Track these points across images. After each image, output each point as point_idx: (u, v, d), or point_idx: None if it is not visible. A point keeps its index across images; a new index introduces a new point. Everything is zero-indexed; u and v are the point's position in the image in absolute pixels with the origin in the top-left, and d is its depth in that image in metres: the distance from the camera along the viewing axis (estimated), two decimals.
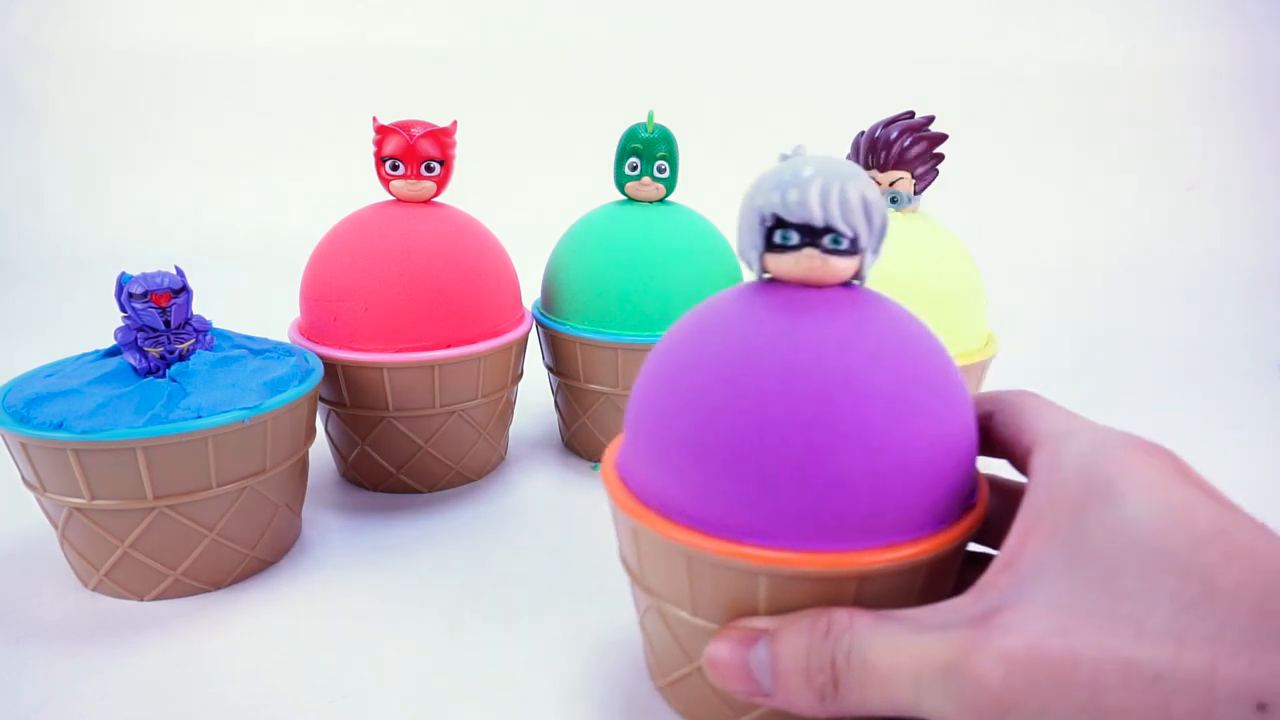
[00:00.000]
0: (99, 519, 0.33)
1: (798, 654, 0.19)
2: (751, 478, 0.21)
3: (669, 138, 0.47)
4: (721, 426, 0.22)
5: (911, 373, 0.23)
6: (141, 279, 0.34)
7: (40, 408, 0.32)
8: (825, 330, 0.23)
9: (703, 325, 0.25)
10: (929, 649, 0.17)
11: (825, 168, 0.22)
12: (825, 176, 0.22)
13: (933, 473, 0.22)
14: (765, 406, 0.21)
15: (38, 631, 0.33)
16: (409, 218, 0.44)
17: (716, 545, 0.22)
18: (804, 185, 0.22)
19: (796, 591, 0.22)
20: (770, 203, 0.23)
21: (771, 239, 0.23)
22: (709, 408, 0.22)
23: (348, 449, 0.45)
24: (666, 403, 0.24)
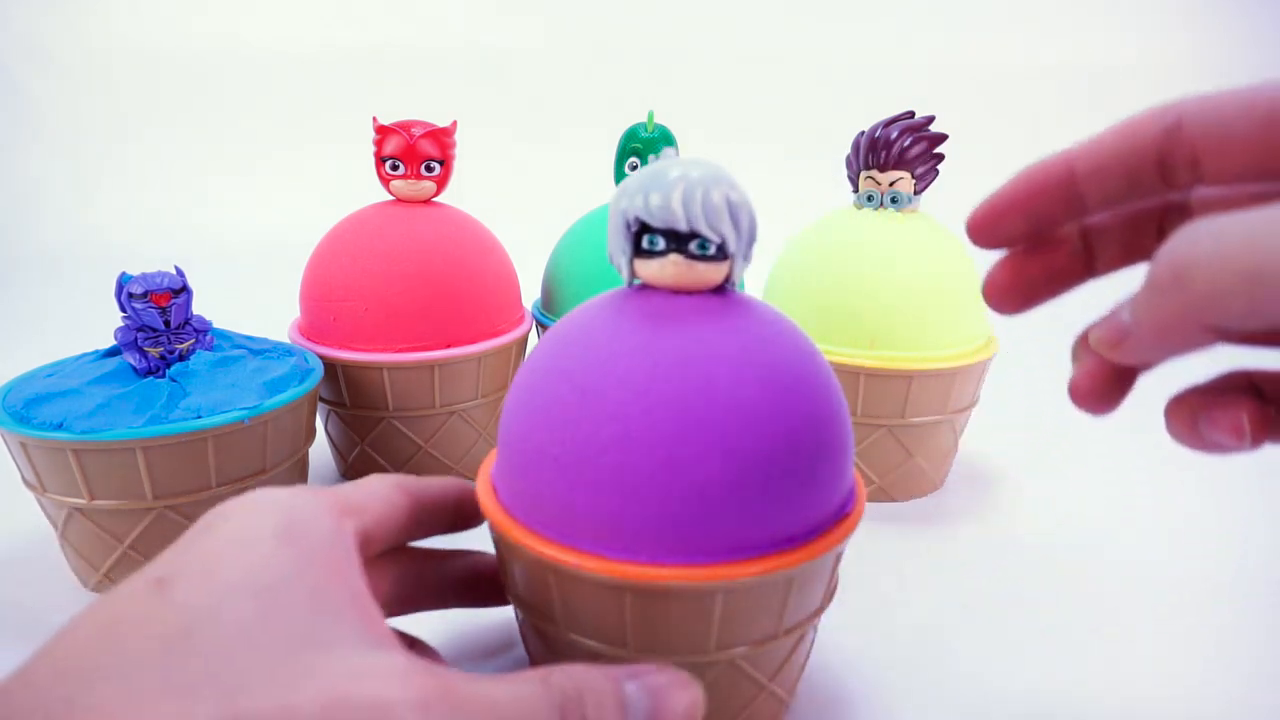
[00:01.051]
0: (99, 519, 0.33)
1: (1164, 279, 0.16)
2: (611, 492, 0.21)
3: (669, 138, 0.47)
4: (579, 439, 0.21)
5: (779, 380, 0.22)
6: (141, 279, 0.34)
7: (40, 408, 0.32)
8: (688, 339, 0.22)
9: (569, 333, 0.24)
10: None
11: (690, 171, 0.22)
12: (689, 180, 0.21)
13: (800, 483, 0.21)
14: (624, 419, 0.21)
15: (38, 631, 0.33)
16: (409, 218, 0.44)
17: (579, 560, 0.21)
18: (667, 189, 0.21)
19: (663, 607, 0.21)
20: (634, 206, 0.22)
21: (639, 244, 0.23)
22: (568, 419, 0.21)
23: (347, 449, 0.45)
24: (530, 413, 0.23)
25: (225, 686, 0.16)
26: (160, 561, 0.19)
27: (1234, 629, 0.35)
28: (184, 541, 0.20)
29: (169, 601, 0.17)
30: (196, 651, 0.16)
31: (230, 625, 0.17)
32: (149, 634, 0.16)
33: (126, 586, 0.18)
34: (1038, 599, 0.37)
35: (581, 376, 0.22)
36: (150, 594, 0.17)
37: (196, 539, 0.20)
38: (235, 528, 0.19)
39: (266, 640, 0.17)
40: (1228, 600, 0.37)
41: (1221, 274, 0.15)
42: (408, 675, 0.17)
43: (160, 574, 0.18)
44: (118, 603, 0.17)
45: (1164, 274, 0.16)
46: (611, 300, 0.24)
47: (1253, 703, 0.31)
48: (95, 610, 0.18)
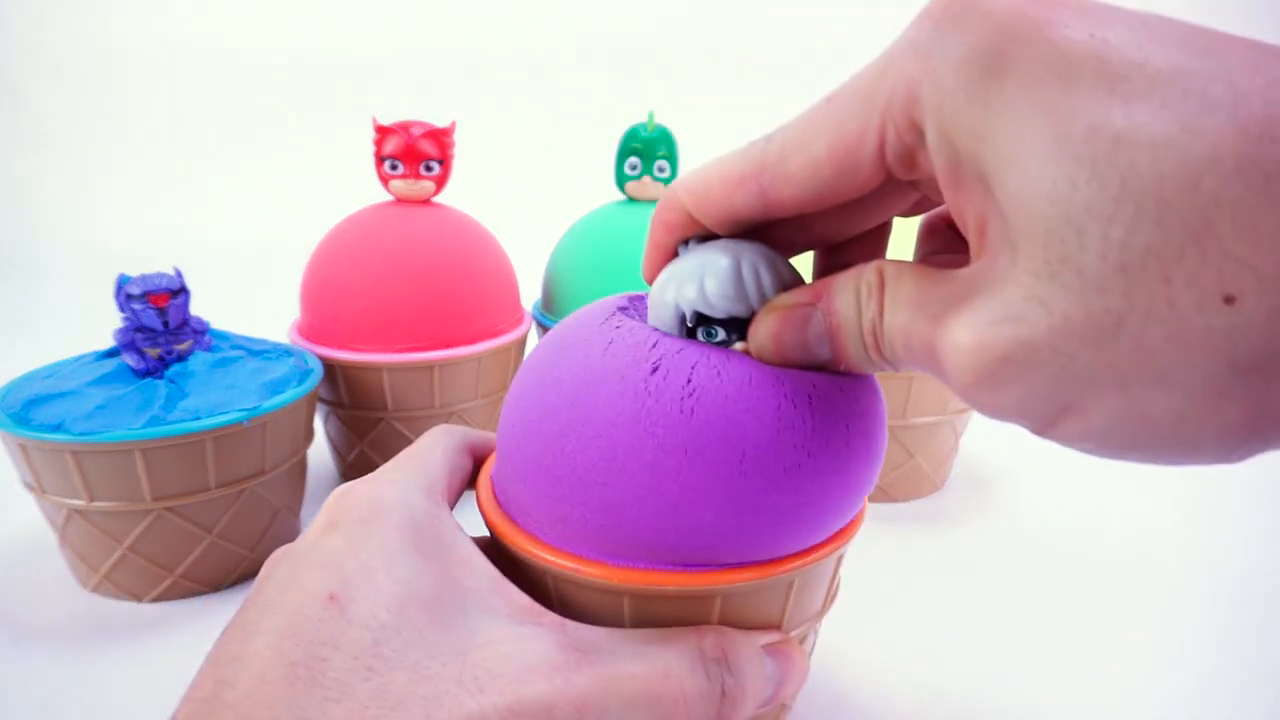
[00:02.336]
0: (98, 520, 0.33)
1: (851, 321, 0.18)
2: (600, 508, 0.21)
3: (669, 138, 0.47)
4: (570, 452, 0.21)
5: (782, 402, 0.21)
6: (140, 280, 0.34)
7: (39, 409, 0.32)
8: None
9: (565, 339, 0.23)
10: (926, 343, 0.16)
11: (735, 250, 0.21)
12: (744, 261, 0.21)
13: (799, 504, 0.21)
14: (611, 431, 0.20)
15: (38, 632, 0.33)
16: (408, 218, 0.44)
17: (578, 565, 0.21)
18: (722, 275, 0.20)
19: (662, 610, 0.21)
20: (687, 298, 0.21)
21: (694, 337, 0.22)
22: (559, 432, 0.21)
23: (347, 450, 0.45)
24: (524, 420, 0.23)
25: (423, 699, 0.17)
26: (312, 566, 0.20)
27: (1234, 628, 0.35)
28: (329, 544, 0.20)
29: (352, 620, 0.18)
30: (392, 666, 0.18)
31: (412, 638, 0.18)
32: (347, 653, 0.18)
33: (295, 602, 0.19)
34: (1038, 599, 0.37)
35: (572, 388, 0.21)
36: (329, 613, 0.18)
37: (338, 543, 0.20)
38: (378, 541, 0.20)
39: (442, 648, 0.18)
40: (1228, 600, 0.37)
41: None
42: (566, 672, 0.18)
43: (330, 589, 0.19)
44: (298, 622, 0.18)
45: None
46: (608, 308, 0.24)
47: (1253, 702, 0.31)
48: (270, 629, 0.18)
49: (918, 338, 0.16)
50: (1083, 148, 0.13)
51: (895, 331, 0.17)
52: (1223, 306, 0.12)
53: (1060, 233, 0.13)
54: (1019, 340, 0.14)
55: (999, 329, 0.14)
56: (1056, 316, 0.13)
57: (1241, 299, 0.12)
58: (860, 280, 0.18)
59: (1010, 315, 0.14)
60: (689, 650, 0.20)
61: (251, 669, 0.17)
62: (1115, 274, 0.13)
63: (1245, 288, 0.12)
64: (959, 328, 0.15)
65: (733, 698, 0.20)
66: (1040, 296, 0.14)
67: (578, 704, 0.18)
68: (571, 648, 0.19)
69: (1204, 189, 0.12)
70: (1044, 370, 0.14)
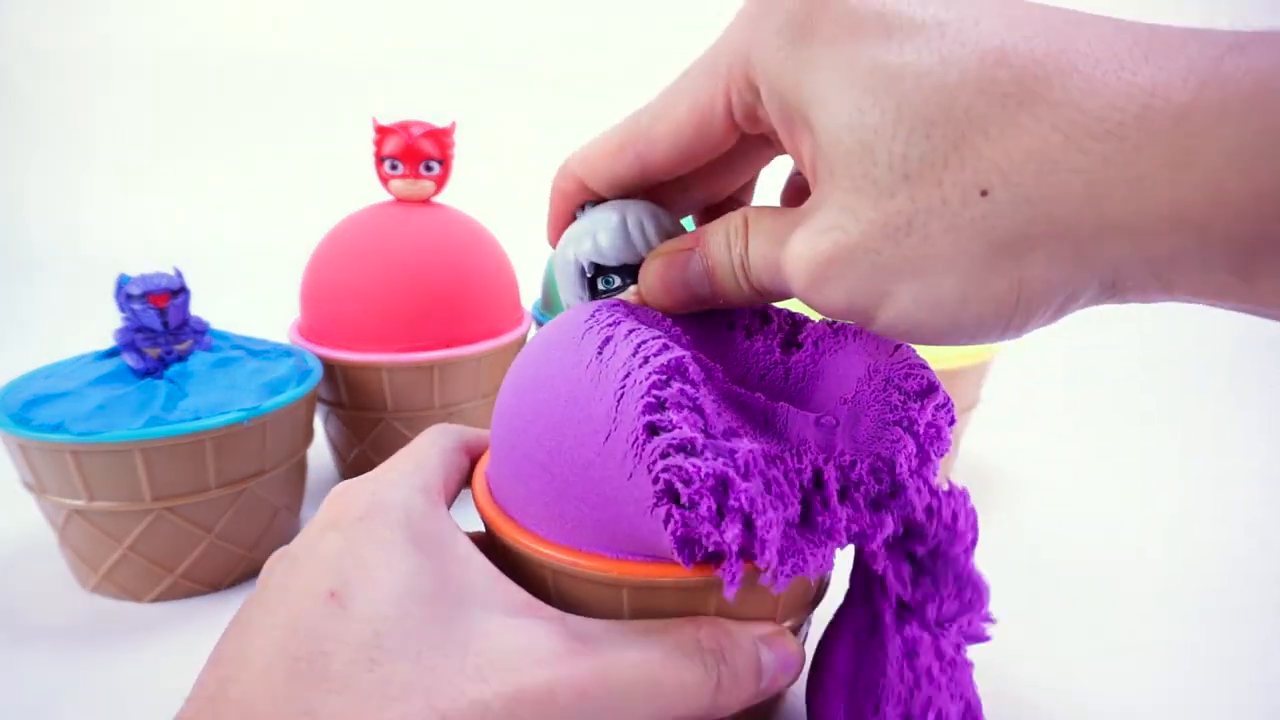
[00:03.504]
0: (98, 520, 0.33)
1: (723, 259, 0.21)
2: (597, 504, 0.21)
3: None
4: (565, 449, 0.21)
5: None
6: (140, 280, 0.34)
7: (39, 409, 0.32)
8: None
9: (555, 336, 0.24)
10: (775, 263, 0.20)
11: (622, 208, 0.24)
12: (629, 216, 0.24)
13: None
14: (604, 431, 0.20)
15: (38, 632, 0.33)
16: (408, 218, 0.44)
17: (576, 559, 0.21)
18: (613, 229, 0.23)
19: (660, 601, 0.22)
20: (584, 251, 0.24)
21: (595, 288, 0.24)
22: (553, 426, 0.21)
23: (346, 450, 0.45)
24: (517, 416, 0.23)
25: (426, 689, 0.17)
26: (312, 564, 0.20)
27: (1235, 628, 0.35)
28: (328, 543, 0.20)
29: (354, 616, 0.18)
30: (394, 658, 0.18)
31: (413, 630, 0.18)
32: (349, 646, 0.18)
33: (296, 600, 0.19)
34: (1038, 599, 0.37)
35: (566, 386, 0.21)
36: (330, 610, 0.19)
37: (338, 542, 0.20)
38: (377, 539, 0.21)
39: (444, 641, 0.19)
40: (1229, 600, 0.37)
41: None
42: (567, 659, 0.19)
43: (330, 587, 0.19)
44: (299, 619, 0.18)
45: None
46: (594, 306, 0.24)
47: (1253, 702, 0.31)
48: (271, 626, 0.18)
49: (772, 260, 0.20)
50: (867, 80, 0.16)
51: (757, 259, 0.20)
52: (980, 199, 0.16)
53: (858, 153, 0.16)
54: (837, 244, 0.17)
55: (823, 237, 0.18)
56: (863, 221, 0.17)
57: (992, 191, 0.15)
58: (729, 224, 0.21)
59: (831, 225, 0.17)
60: (686, 640, 0.21)
61: (254, 665, 0.17)
62: (900, 181, 0.16)
63: (994, 182, 0.15)
64: (795, 242, 0.18)
65: (728, 687, 0.21)
66: (850, 207, 0.17)
67: (578, 691, 0.18)
68: (571, 637, 0.20)
69: (957, 106, 0.15)
70: (859, 266, 0.17)
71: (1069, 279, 0.16)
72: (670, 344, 0.21)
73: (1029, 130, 0.15)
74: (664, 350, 0.20)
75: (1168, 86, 0.14)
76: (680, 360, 0.20)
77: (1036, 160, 0.15)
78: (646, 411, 0.19)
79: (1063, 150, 0.15)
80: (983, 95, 0.15)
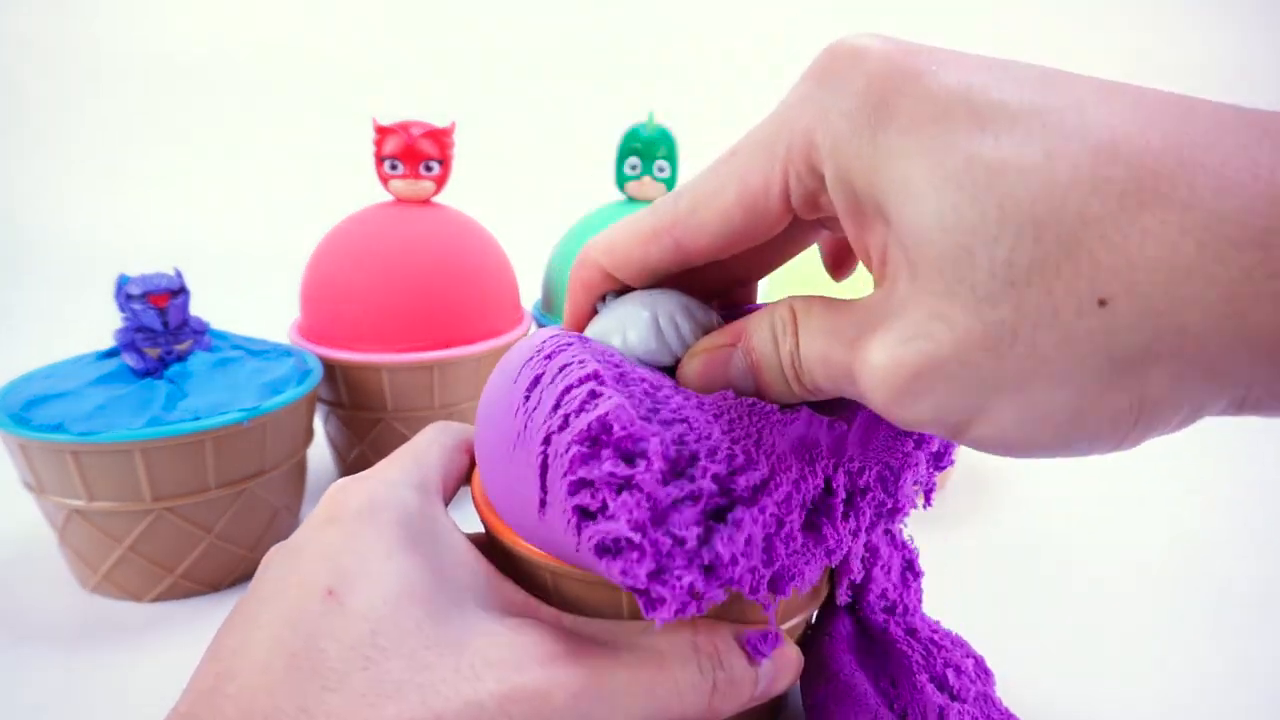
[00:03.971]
0: (98, 520, 0.33)
1: (769, 355, 0.20)
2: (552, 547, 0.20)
3: (669, 138, 0.47)
4: (516, 496, 0.21)
5: None
6: (140, 280, 0.34)
7: (39, 409, 0.32)
8: None
9: (504, 366, 0.23)
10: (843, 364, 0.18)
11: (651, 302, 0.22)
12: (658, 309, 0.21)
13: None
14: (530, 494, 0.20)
15: (38, 632, 0.33)
16: (408, 218, 0.44)
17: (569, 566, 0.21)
18: (643, 326, 0.21)
19: None
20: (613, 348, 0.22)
21: None
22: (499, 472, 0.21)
23: (347, 450, 0.45)
24: (479, 443, 0.23)
25: (421, 688, 0.17)
26: (309, 560, 0.20)
27: (1235, 629, 0.35)
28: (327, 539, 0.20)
29: (350, 612, 0.18)
30: (389, 656, 0.18)
31: (409, 628, 0.18)
32: (344, 643, 0.18)
33: (294, 595, 0.19)
34: (1038, 599, 0.37)
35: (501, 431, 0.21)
36: (327, 607, 0.19)
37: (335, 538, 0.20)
38: (374, 537, 0.20)
39: (439, 640, 0.18)
40: (1229, 600, 0.37)
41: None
42: (563, 660, 0.19)
43: (327, 583, 0.19)
44: (297, 614, 0.18)
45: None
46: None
47: (1252, 702, 0.31)
48: (269, 622, 0.18)
49: (836, 363, 0.18)
50: (963, 177, 0.15)
51: (813, 359, 0.18)
52: (1098, 309, 0.14)
53: (953, 255, 0.15)
54: (927, 355, 0.15)
55: (909, 346, 0.16)
56: (959, 330, 0.15)
57: (1113, 301, 0.14)
58: (773, 317, 0.20)
59: (918, 333, 0.15)
60: (683, 643, 0.21)
61: (251, 660, 0.18)
62: (1004, 289, 0.14)
63: (1115, 291, 0.14)
64: (873, 349, 0.16)
65: (724, 691, 0.21)
66: (942, 314, 0.15)
67: (573, 690, 0.18)
68: (567, 638, 0.20)
69: (1069, 208, 0.14)
70: (952, 380, 0.15)
71: (1197, 396, 0.14)
72: (600, 388, 0.18)
73: (1155, 235, 0.13)
74: (587, 405, 0.18)
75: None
76: (605, 420, 0.17)
77: (1165, 269, 0.13)
78: (571, 493, 0.18)
79: (1197, 259, 0.13)
80: (1097, 195, 0.14)
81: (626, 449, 0.17)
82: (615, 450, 0.17)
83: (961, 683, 0.24)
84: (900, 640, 0.26)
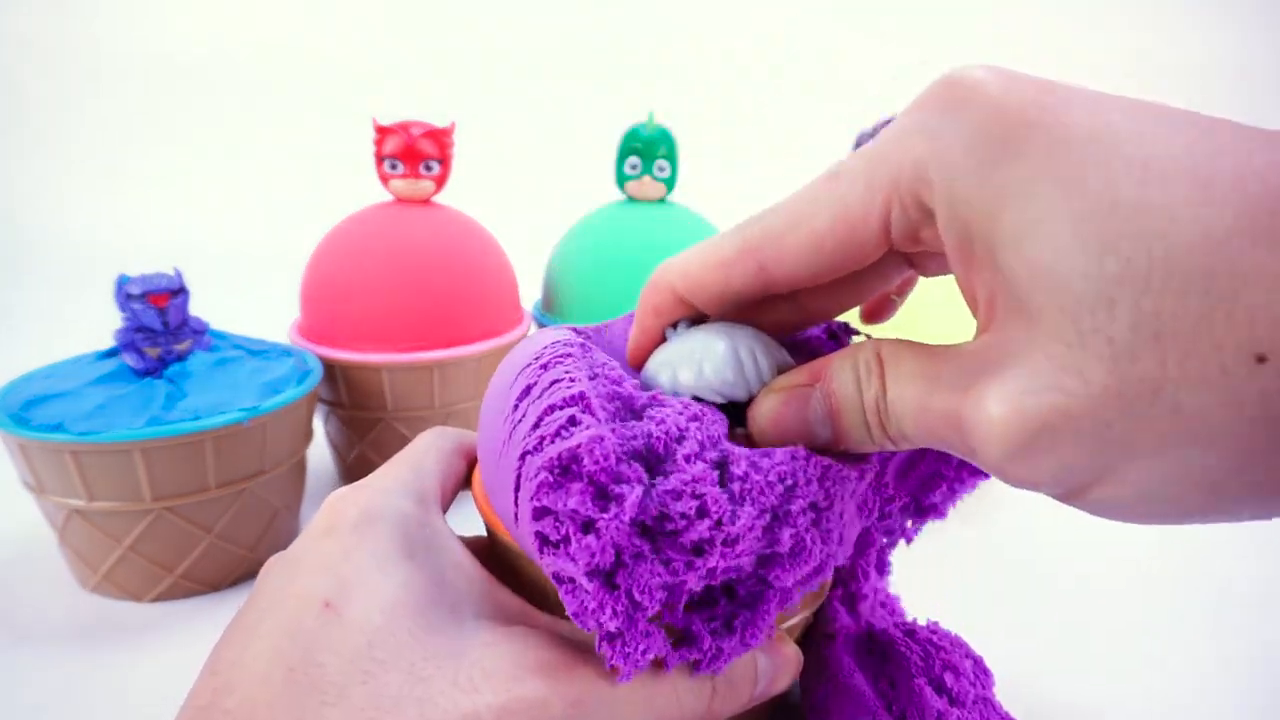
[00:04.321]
0: (98, 520, 0.33)
1: (851, 399, 0.18)
2: None
3: (669, 138, 0.47)
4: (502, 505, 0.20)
5: None
6: (139, 280, 0.34)
7: (39, 409, 0.32)
8: None
9: (504, 367, 0.23)
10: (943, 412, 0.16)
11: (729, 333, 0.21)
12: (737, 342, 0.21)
13: None
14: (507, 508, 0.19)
15: (38, 632, 0.33)
16: (408, 218, 0.44)
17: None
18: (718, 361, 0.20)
19: None
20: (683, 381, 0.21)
21: None
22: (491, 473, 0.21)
23: (347, 450, 0.45)
24: (479, 444, 0.23)
25: (419, 701, 0.17)
26: (307, 572, 0.20)
27: (1235, 628, 0.35)
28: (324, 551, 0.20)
29: (348, 625, 0.18)
30: (387, 669, 0.18)
31: (406, 641, 0.18)
32: (342, 657, 0.18)
33: (292, 608, 0.19)
34: (1038, 599, 0.37)
35: (493, 434, 0.21)
36: (325, 619, 0.18)
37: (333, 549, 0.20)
38: (371, 547, 0.20)
39: (437, 651, 0.18)
40: (1229, 600, 0.37)
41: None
42: (561, 669, 0.19)
43: (325, 595, 0.19)
44: (294, 627, 0.18)
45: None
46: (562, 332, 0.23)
47: (1252, 702, 0.31)
48: (267, 634, 0.18)
49: (938, 411, 0.16)
50: (1106, 224, 0.14)
51: (905, 406, 0.17)
52: (1256, 367, 0.13)
53: (1091, 304, 0.14)
54: (1058, 409, 0.14)
55: (1037, 398, 0.14)
56: (1095, 385, 0.14)
57: (1273, 358, 0.13)
58: (858, 359, 0.18)
59: (1046, 385, 0.14)
60: None
61: (249, 674, 0.17)
62: (1149, 342, 0.13)
63: (1276, 348, 0.13)
64: (989, 399, 0.15)
65: (724, 694, 0.21)
66: (1076, 366, 0.14)
67: (571, 700, 0.18)
68: (564, 646, 0.19)
69: (1227, 257, 0.13)
70: (1082, 438, 0.14)
71: None
72: (583, 415, 0.17)
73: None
74: (564, 431, 0.17)
75: None
76: (576, 451, 0.16)
77: None
78: (535, 518, 0.17)
79: None
80: (1257, 246, 0.13)
81: (602, 483, 0.16)
82: (589, 484, 0.16)
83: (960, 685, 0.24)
84: (899, 641, 0.26)
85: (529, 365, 0.20)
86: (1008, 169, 0.15)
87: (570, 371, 0.19)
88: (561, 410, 0.17)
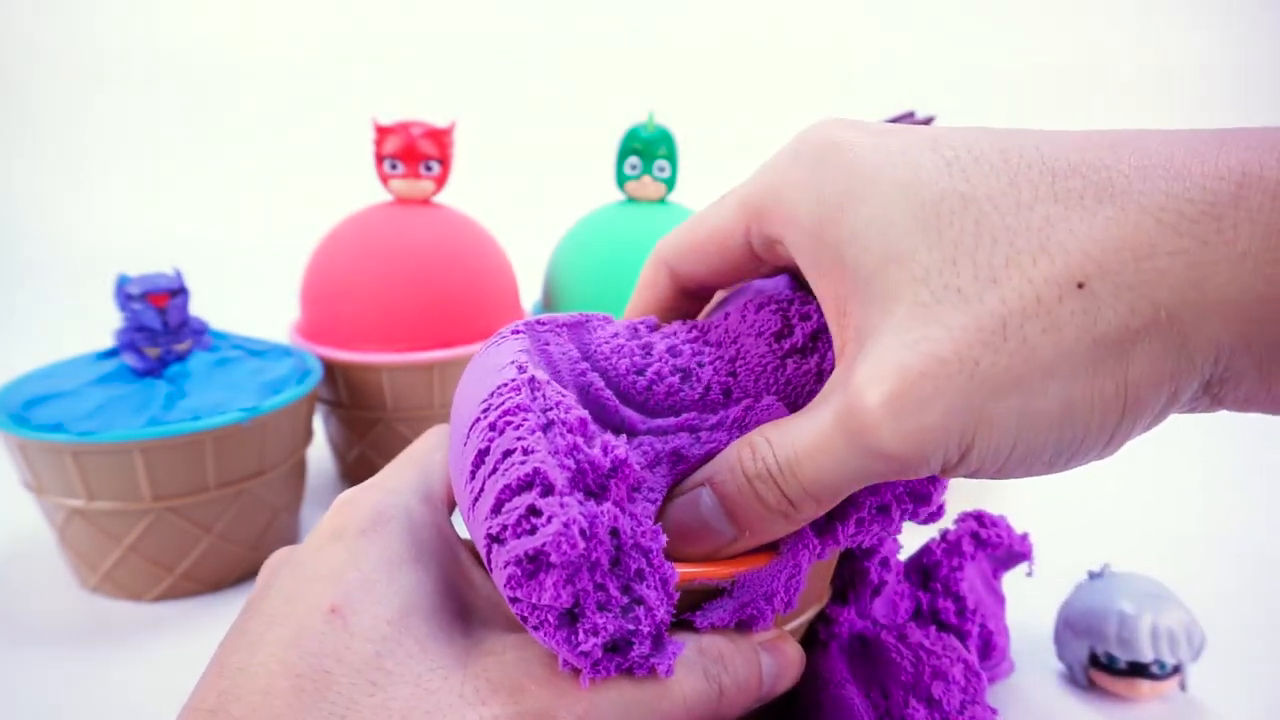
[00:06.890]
0: (98, 520, 0.33)
1: (739, 478, 0.19)
2: None
3: (669, 138, 0.47)
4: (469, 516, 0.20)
5: None
6: (139, 280, 0.34)
7: (39, 409, 0.32)
8: None
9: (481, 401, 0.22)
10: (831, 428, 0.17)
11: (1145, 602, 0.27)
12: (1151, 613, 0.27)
13: None
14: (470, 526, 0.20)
15: (38, 632, 0.33)
16: (408, 218, 0.44)
17: None
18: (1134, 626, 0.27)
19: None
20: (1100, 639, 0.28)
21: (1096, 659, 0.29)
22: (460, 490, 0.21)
23: (347, 450, 0.45)
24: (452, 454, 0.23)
25: (426, 713, 0.17)
26: (315, 578, 0.20)
27: (1236, 629, 0.35)
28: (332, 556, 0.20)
29: (355, 633, 0.18)
30: (394, 680, 0.18)
31: (414, 650, 0.18)
32: (350, 666, 0.18)
33: (299, 614, 0.19)
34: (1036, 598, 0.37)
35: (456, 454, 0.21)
36: (332, 626, 0.18)
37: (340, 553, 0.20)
38: (379, 552, 0.20)
39: (444, 660, 0.19)
40: (1229, 600, 0.37)
41: None
42: (567, 679, 0.19)
43: (332, 602, 0.19)
44: (301, 634, 0.18)
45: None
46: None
47: (1252, 702, 0.31)
48: (274, 640, 0.18)
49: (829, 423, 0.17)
50: (940, 205, 0.17)
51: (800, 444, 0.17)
52: (1077, 292, 0.15)
53: (939, 266, 0.16)
54: (929, 355, 0.16)
55: (911, 350, 0.16)
56: (955, 328, 0.16)
57: (1089, 283, 0.15)
58: (735, 450, 0.19)
59: (915, 338, 0.16)
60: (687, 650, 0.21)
61: (256, 682, 0.17)
62: (988, 285, 0.16)
63: (1090, 272, 0.15)
64: (868, 366, 0.16)
65: (731, 695, 0.21)
66: (935, 318, 0.16)
67: (578, 711, 0.18)
68: None
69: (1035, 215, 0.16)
70: (955, 380, 0.16)
71: (1174, 373, 0.16)
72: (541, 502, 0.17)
73: (1116, 220, 0.15)
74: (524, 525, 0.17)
75: (1260, 165, 0.15)
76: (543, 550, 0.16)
77: (1131, 246, 0.15)
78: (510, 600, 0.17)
79: (1157, 234, 0.15)
80: (1058, 203, 0.16)
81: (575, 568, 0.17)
82: (562, 574, 0.16)
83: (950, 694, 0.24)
84: (891, 648, 0.25)
85: (477, 421, 0.19)
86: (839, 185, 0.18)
87: (522, 437, 0.18)
88: (518, 497, 0.17)
